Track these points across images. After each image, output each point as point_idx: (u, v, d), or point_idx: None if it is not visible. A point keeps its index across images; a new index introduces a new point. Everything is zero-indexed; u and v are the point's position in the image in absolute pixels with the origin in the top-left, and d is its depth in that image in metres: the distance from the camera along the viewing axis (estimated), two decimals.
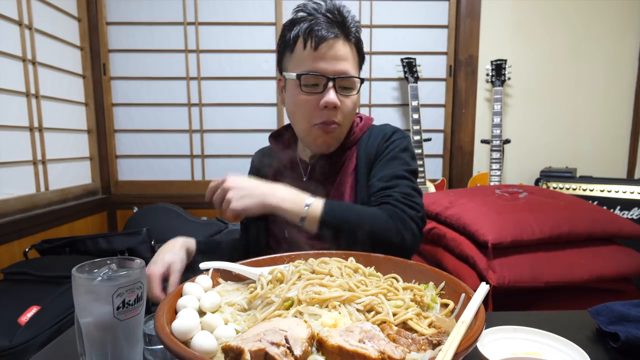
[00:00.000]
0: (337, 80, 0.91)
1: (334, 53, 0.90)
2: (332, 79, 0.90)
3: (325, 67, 0.90)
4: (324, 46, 0.89)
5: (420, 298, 0.56)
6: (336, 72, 0.91)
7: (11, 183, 1.68)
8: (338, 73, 0.91)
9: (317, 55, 0.90)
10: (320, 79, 0.90)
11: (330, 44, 0.90)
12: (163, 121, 2.39)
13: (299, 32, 0.91)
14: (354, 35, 0.94)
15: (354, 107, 0.96)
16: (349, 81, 0.93)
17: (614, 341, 0.65)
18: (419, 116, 2.25)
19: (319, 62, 0.90)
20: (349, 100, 0.94)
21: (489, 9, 2.32)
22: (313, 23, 0.90)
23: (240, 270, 0.66)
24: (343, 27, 0.92)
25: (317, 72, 0.90)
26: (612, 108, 2.40)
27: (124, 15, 2.30)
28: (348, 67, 0.92)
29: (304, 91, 0.91)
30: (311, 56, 0.90)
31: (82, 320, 0.51)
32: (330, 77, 0.90)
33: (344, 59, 0.91)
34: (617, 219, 1.37)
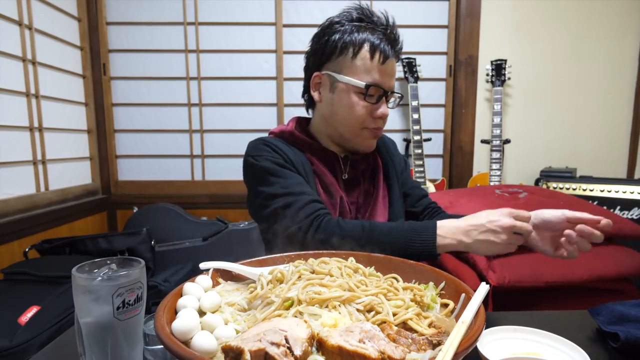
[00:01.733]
0: (390, 95, 1.00)
1: (392, 69, 0.99)
2: (389, 93, 0.99)
3: (386, 82, 0.98)
4: (389, 62, 0.97)
5: (420, 298, 0.56)
6: (391, 87, 0.99)
7: (11, 183, 1.68)
8: (392, 88, 1.00)
9: (383, 69, 0.96)
10: (378, 90, 0.97)
11: (392, 61, 0.99)
12: (163, 121, 2.39)
13: (364, 40, 0.95)
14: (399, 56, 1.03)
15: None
16: (395, 96, 1.03)
17: (614, 341, 0.65)
18: (419, 116, 2.25)
19: (383, 76, 0.97)
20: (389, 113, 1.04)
21: (489, 9, 2.32)
22: (378, 36, 0.96)
23: (240, 270, 0.66)
24: (396, 47, 0.99)
25: (382, 86, 0.97)
26: (612, 108, 2.40)
27: (124, 15, 2.30)
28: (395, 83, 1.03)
29: (366, 100, 0.97)
30: (378, 69, 0.96)
31: (82, 320, 0.51)
32: (388, 91, 0.99)
33: (394, 76, 1.01)
34: (617, 219, 1.37)
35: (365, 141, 1.03)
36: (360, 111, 0.98)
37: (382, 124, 1.03)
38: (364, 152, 1.06)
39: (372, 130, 1.01)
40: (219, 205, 2.37)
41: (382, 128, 1.04)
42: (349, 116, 0.99)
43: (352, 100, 0.98)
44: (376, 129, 1.01)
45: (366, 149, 1.05)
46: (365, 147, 1.05)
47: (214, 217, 2.25)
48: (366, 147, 1.05)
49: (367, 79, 0.96)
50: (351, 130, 1.01)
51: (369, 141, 1.04)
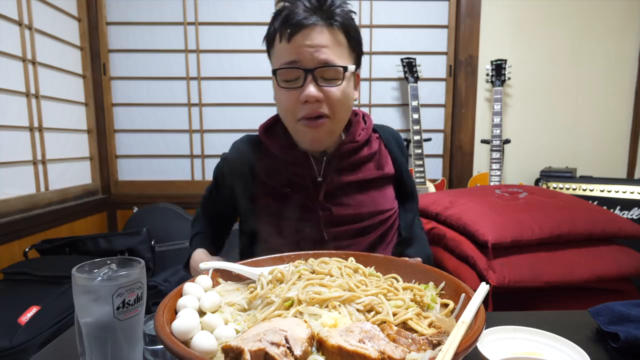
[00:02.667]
0: (318, 71, 0.83)
1: (310, 42, 0.82)
2: (311, 71, 0.82)
3: (302, 59, 0.82)
4: (299, 36, 0.82)
5: (420, 298, 0.56)
6: (314, 62, 0.82)
7: (11, 183, 1.68)
8: (317, 63, 0.82)
9: (293, 46, 0.83)
10: (298, 72, 0.83)
11: (307, 33, 0.82)
12: (163, 121, 2.39)
13: (275, 26, 0.86)
14: (338, 20, 0.85)
15: (344, 97, 0.87)
16: (331, 71, 0.84)
17: (614, 341, 0.65)
18: (419, 116, 2.25)
19: (295, 54, 0.82)
20: (335, 91, 0.85)
21: (489, 9, 2.32)
22: (290, 12, 0.83)
23: (240, 270, 0.66)
24: (322, 12, 0.84)
25: (292, 65, 0.83)
26: (612, 108, 2.40)
27: (124, 15, 2.30)
28: (329, 56, 0.83)
29: (283, 87, 0.85)
30: (286, 48, 0.83)
31: (82, 320, 0.51)
32: (308, 69, 0.82)
33: (324, 47, 0.83)
34: (617, 219, 1.37)
35: (304, 136, 0.89)
36: (284, 102, 0.87)
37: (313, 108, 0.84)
38: (312, 150, 0.92)
39: (305, 122, 0.86)
40: None
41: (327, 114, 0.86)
42: (280, 110, 0.90)
43: (277, 92, 0.88)
44: (309, 118, 0.85)
45: (310, 146, 0.91)
46: (306, 143, 0.90)
47: None
48: (308, 144, 0.90)
49: (279, 63, 0.85)
50: (289, 126, 0.91)
51: (307, 135, 0.88)
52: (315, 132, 0.87)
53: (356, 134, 0.96)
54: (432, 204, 1.54)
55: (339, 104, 0.86)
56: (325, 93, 0.84)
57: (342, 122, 0.91)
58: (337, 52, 0.85)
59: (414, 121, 2.24)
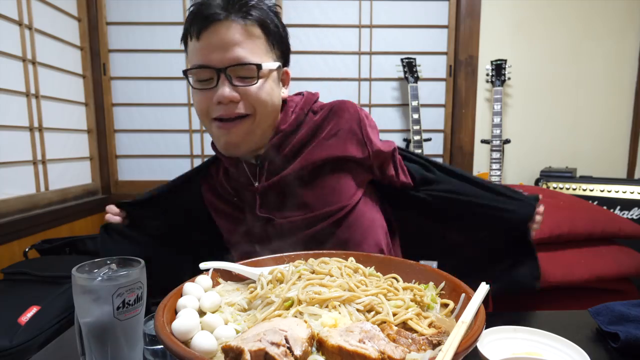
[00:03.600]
0: (231, 70, 0.77)
1: (219, 39, 0.76)
2: (222, 70, 0.77)
3: (212, 58, 0.77)
4: (208, 32, 0.76)
5: (420, 298, 0.56)
6: (225, 61, 0.77)
7: (11, 183, 1.68)
8: (229, 62, 0.77)
9: (202, 44, 0.77)
10: (209, 72, 0.78)
11: (216, 29, 0.76)
12: (163, 121, 2.38)
13: (186, 26, 0.80)
14: (254, 14, 0.78)
15: (265, 96, 0.81)
16: (246, 69, 0.78)
17: (614, 341, 0.65)
18: (419, 116, 2.25)
19: (205, 53, 0.77)
20: (251, 89, 0.79)
21: (489, 9, 2.32)
22: (199, 8, 0.77)
23: (240, 270, 0.66)
24: (233, 6, 0.77)
25: (200, 65, 0.77)
26: (612, 108, 2.40)
27: (124, 15, 2.30)
28: (241, 53, 0.77)
29: (196, 87, 0.80)
30: (197, 47, 0.78)
31: (82, 320, 0.51)
32: (219, 69, 0.77)
33: (235, 44, 0.76)
34: (617, 219, 1.37)
35: (218, 139, 0.83)
36: (198, 103, 0.81)
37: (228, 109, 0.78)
38: (228, 154, 0.85)
39: (217, 122, 0.80)
40: None
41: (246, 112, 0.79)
42: (197, 112, 0.84)
43: (192, 93, 0.84)
44: (221, 120, 0.80)
45: (225, 150, 0.84)
46: (221, 147, 0.84)
47: None
48: (223, 148, 0.84)
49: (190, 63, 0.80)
50: (207, 129, 0.85)
51: (221, 138, 0.82)
52: (229, 135, 0.81)
53: (282, 123, 0.87)
54: None
55: (258, 102, 0.80)
56: (241, 93, 0.79)
57: (264, 121, 0.83)
58: (251, 48, 0.78)
59: (414, 121, 2.24)
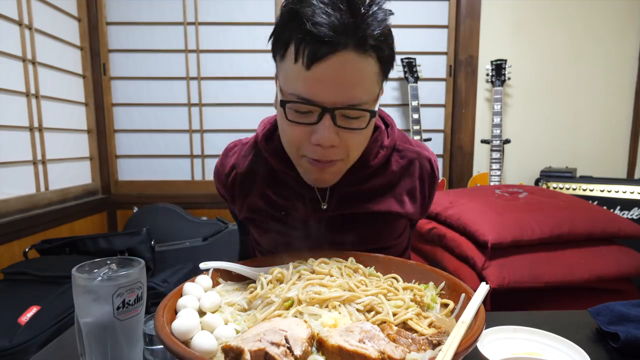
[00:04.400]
0: (338, 111, 0.65)
1: (334, 75, 0.62)
2: (330, 110, 0.64)
3: (321, 93, 0.63)
4: (322, 66, 0.61)
5: (420, 298, 0.56)
6: (337, 100, 0.64)
7: (11, 183, 1.68)
8: (341, 102, 0.64)
9: (311, 76, 0.62)
10: (313, 108, 0.65)
11: (331, 62, 0.61)
12: (163, 121, 2.38)
13: (290, 35, 0.63)
14: (372, 42, 0.62)
15: (364, 139, 0.72)
16: (356, 111, 0.66)
17: (614, 341, 0.65)
18: (419, 116, 2.25)
19: (313, 86, 0.63)
20: (356, 136, 0.69)
21: (489, 9, 2.32)
22: (312, 24, 0.59)
23: (240, 270, 0.66)
24: (354, 31, 0.60)
25: (307, 101, 0.64)
26: (612, 108, 2.40)
27: (124, 15, 2.30)
28: (356, 93, 0.64)
29: (291, 119, 0.67)
30: (302, 77, 0.63)
31: (82, 320, 0.51)
32: (326, 108, 0.64)
33: (352, 83, 0.63)
34: (617, 219, 1.37)
35: (306, 173, 0.74)
36: (290, 136, 0.70)
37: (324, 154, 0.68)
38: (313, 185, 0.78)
39: (310, 161, 0.70)
40: (219, 205, 2.37)
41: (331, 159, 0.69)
42: (282, 138, 0.74)
43: (282, 121, 0.70)
44: (317, 161, 0.69)
45: (311, 183, 0.77)
46: (308, 180, 0.76)
47: (214, 217, 2.25)
48: (310, 182, 0.76)
49: (289, 90, 0.65)
50: (292, 158, 0.75)
51: (311, 174, 0.73)
52: (321, 174, 0.72)
53: (370, 155, 0.79)
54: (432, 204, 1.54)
55: (356, 149, 0.72)
56: (343, 136, 0.67)
57: (353, 162, 0.75)
58: (366, 85, 0.65)
59: (414, 121, 2.24)
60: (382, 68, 0.68)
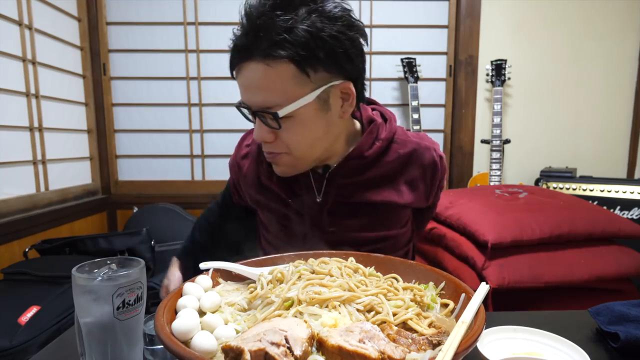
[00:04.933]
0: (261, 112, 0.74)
1: (246, 81, 0.73)
2: (254, 113, 0.75)
3: (245, 98, 0.75)
4: (238, 72, 0.75)
5: (420, 298, 0.56)
6: (253, 104, 0.73)
7: (11, 183, 1.68)
8: (254, 106, 0.73)
9: (240, 81, 0.75)
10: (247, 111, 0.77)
11: (242, 70, 0.73)
12: (163, 121, 2.38)
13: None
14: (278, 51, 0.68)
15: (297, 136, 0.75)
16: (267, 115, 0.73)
17: (614, 341, 0.65)
18: (419, 116, 2.25)
19: (242, 91, 0.76)
20: (282, 133, 0.74)
21: (489, 9, 2.32)
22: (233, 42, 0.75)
23: (240, 270, 0.66)
24: (257, 41, 0.68)
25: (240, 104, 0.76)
26: (612, 108, 2.40)
27: (124, 15, 2.30)
28: (265, 97, 0.71)
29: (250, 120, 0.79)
30: (239, 83, 0.76)
31: (82, 320, 0.51)
32: (252, 111, 0.75)
33: (259, 87, 0.71)
34: (617, 219, 1.37)
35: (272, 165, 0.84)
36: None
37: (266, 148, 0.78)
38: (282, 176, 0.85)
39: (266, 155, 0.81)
40: None
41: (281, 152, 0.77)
42: None
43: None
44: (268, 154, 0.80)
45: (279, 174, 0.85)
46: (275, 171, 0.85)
47: None
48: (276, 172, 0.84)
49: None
50: None
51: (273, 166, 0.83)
52: (278, 167, 0.82)
53: (364, 147, 0.83)
54: None
55: (289, 144, 0.76)
56: (278, 135, 0.75)
57: (305, 157, 0.80)
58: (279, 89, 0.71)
59: (414, 121, 2.24)
60: (302, 67, 0.70)
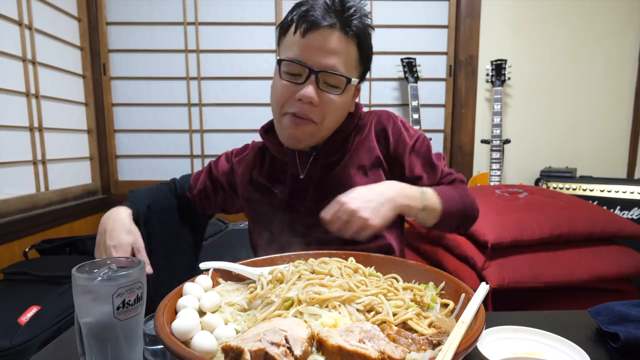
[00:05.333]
0: (322, 75, 0.81)
1: (322, 44, 0.80)
2: (315, 72, 0.81)
3: (310, 58, 0.81)
4: (314, 35, 0.80)
5: (420, 298, 0.56)
6: (321, 65, 0.81)
7: (11, 183, 1.68)
8: (323, 67, 0.81)
9: (305, 42, 0.81)
10: (302, 69, 0.81)
11: (321, 33, 0.80)
12: (163, 121, 2.38)
13: (295, 14, 0.83)
14: (354, 30, 0.83)
15: (339, 107, 0.87)
16: (335, 79, 0.82)
17: (614, 341, 0.65)
18: (419, 116, 2.25)
19: (305, 51, 0.81)
20: (333, 98, 0.84)
21: (489, 9, 2.32)
22: (310, 7, 0.81)
23: (240, 270, 0.66)
24: (341, 17, 0.81)
25: (298, 61, 0.81)
26: (612, 108, 2.40)
27: (124, 15, 2.30)
28: (336, 63, 0.82)
29: (284, 78, 0.84)
30: (298, 43, 0.81)
31: (82, 320, 0.51)
32: (313, 70, 0.81)
33: (334, 53, 0.81)
34: (617, 219, 1.37)
35: (284, 130, 0.87)
36: (279, 93, 0.85)
37: (311, 112, 0.83)
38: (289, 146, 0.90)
39: (291, 117, 0.84)
40: None
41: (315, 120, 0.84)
42: (272, 100, 0.88)
43: (275, 80, 0.87)
44: (296, 116, 0.84)
45: (288, 143, 0.89)
46: (285, 138, 0.89)
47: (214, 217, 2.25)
48: (287, 140, 0.89)
49: (286, 55, 0.83)
50: (275, 117, 0.90)
51: (288, 130, 0.86)
52: (296, 130, 0.86)
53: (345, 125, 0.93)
54: None
55: (331, 112, 0.85)
56: (322, 98, 0.83)
57: (327, 130, 0.89)
58: (346, 61, 0.83)
59: (414, 121, 2.24)
60: (360, 58, 0.87)
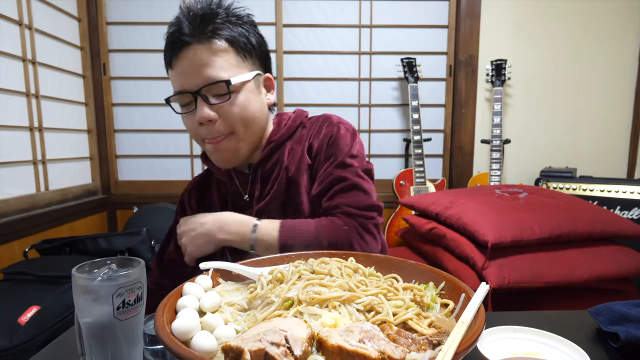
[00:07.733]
0: (205, 90, 0.81)
1: (189, 65, 0.80)
2: (196, 93, 0.81)
3: (186, 82, 0.81)
4: (179, 61, 0.81)
5: (420, 298, 0.56)
6: (198, 83, 0.80)
7: (11, 183, 1.68)
8: (200, 84, 0.80)
9: (176, 72, 0.82)
10: (187, 96, 0.82)
11: (184, 55, 0.80)
12: (163, 121, 2.39)
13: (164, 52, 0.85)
14: (218, 33, 0.81)
15: (242, 109, 0.84)
16: (217, 88, 0.81)
17: (614, 341, 0.65)
18: (419, 116, 2.25)
19: (180, 79, 0.82)
20: (227, 106, 0.82)
21: (489, 9, 2.32)
22: (168, 37, 0.83)
23: (240, 270, 0.66)
24: (198, 28, 0.80)
25: (178, 92, 0.83)
26: (612, 108, 2.40)
27: (124, 15, 2.30)
28: (210, 73, 0.80)
29: (182, 112, 0.86)
30: (173, 75, 0.84)
31: (82, 320, 0.51)
32: (193, 92, 0.81)
33: (204, 65, 0.80)
34: (617, 219, 1.37)
35: (211, 156, 0.89)
36: (187, 126, 0.87)
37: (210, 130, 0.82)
38: (222, 167, 0.92)
39: (208, 142, 0.86)
40: None
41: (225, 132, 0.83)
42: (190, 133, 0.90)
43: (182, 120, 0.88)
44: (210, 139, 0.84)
45: (219, 165, 0.91)
46: (215, 162, 0.90)
47: None
48: (216, 162, 0.90)
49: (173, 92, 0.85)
50: (199, 145, 0.90)
51: (213, 155, 0.88)
52: (219, 152, 0.86)
53: (273, 134, 0.92)
54: (432, 204, 1.54)
55: (237, 117, 0.83)
56: (219, 111, 0.82)
57: (248, 136, 0.87)
58: (221, 65, 0.81)
59: (414, 121, 2.24)
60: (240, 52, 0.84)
